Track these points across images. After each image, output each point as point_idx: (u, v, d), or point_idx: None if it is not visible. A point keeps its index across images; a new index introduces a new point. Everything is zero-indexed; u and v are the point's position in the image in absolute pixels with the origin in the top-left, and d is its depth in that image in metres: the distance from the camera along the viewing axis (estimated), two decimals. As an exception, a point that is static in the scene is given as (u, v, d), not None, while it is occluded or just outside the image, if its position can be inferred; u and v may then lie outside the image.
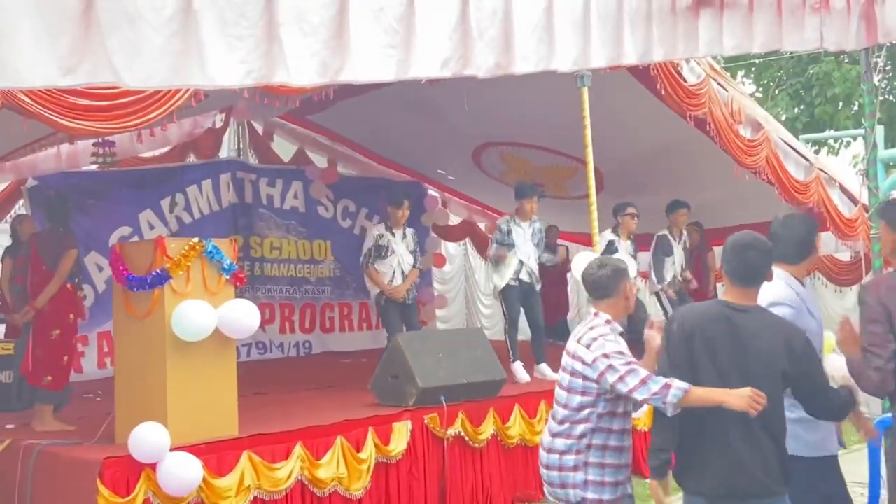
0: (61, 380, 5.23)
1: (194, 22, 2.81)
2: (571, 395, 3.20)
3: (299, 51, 3.05)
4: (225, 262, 4.69)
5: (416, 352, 5.49)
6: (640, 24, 4.15)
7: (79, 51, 2.61)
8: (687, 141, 7.33)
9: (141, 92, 3.95)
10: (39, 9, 2.55)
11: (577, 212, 9.14)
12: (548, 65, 3.86)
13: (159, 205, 8.27)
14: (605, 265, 3.30)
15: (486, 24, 3.60)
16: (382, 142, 9.63)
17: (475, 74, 3.61)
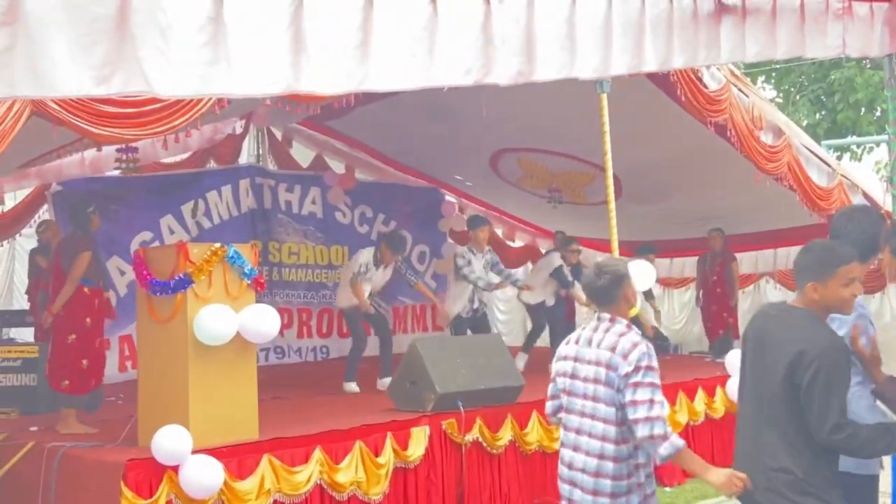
0: (80, 384, 5.25)
1: (224, 33, 2.88)
2: (617, 410, 3.03)
3: (325, 60, 3.11)
4: (246, 267, 4.76)
5: (434, 357, 5.52)
6: (661, 32, 4.17)
7: (112, 61, 2.68)
8: (707, 147, 7.33)
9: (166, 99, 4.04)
10: (73, 21, 2.63)
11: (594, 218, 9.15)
12: (569, 72, 3.89)
13: (180, 210, 8.37)
14: (603, 272, 3.20)
15: (509, 33, 3.64)
16: (400, 148, 9.70)
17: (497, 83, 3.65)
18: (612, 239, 5.94)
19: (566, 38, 3.83)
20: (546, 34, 3.76)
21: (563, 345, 3.27)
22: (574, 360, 3.16)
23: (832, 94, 15.36)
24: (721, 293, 8.88)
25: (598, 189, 8.11)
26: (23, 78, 2.56)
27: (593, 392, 3.07)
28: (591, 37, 3.90)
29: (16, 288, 8.89)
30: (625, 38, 4.02)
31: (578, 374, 3.13)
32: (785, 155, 7.40)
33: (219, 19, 2.88)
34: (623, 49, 4.02)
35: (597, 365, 3.07)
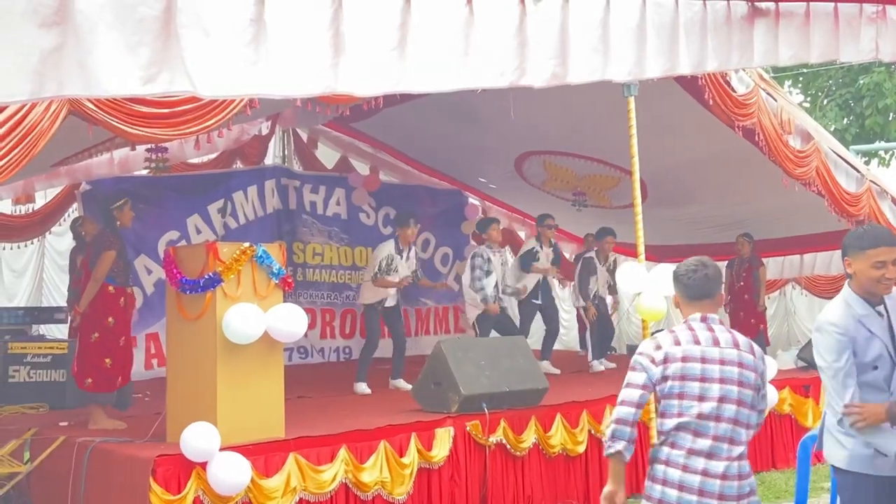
0: (103, 383, 5.29)
1: (266, 34, 2.93)
2: (755, 413, 2.87)
3: (363, 62, 3.15)
4: (274, 266, 4.79)
5: (458, 359, 5.54)
6: (695, 35, 4.17)
7: (158, 61, 2.73)
8: (735, 151, 7.29)
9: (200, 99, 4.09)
10: (121, 22, 2.68)
11: (619, 221, 9.13)
12: (603, 75, 3.90)
13: (206, 210, 8.46)
14: (707, 264, 2.97)
15: (543, 35, 3.65)
16: (424, 150, 9.73)
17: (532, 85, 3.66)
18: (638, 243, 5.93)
19: (600, 40, 3.84)
20: (580, 37, 3.77)
21: (672, 346, 2.87)
22: (701, 361, 2.83)
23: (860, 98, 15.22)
24: (748, 299, 8.83)
25: (624, 192, 8.11)
26: (71, 77, 2.61)
27: (738, 396, 2.81)
28: (625, 39, 3.91)
29: (45, 285, 9.02)
30: (659, 40, 4.02)
31: (710, 377, 2.82)
32: (813, 160, 7.35)
33: (260, 21, 2.92)
34: (657, 52, 4.02)
35: (739, 367, 2.82)
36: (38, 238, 8.69)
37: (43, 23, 2.56)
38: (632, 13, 3.93)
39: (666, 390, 2.86)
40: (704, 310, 2.93)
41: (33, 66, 2.56)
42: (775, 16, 4.42)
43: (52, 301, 8.80)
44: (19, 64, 2.54)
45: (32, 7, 2.55)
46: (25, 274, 8.91)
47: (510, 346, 6.11)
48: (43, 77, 2.58)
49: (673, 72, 4.21)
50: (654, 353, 2.88)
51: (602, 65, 3.85)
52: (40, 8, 2.57)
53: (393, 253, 6.96)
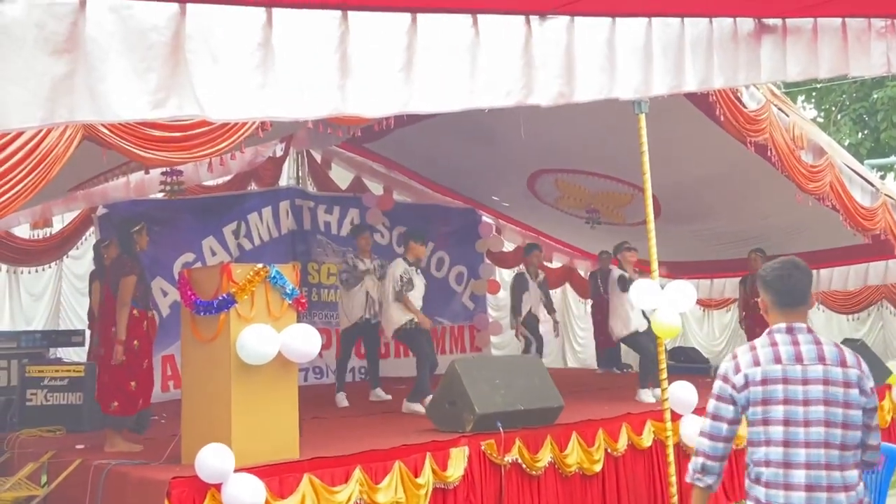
0: (129, 405, 5.33)
1: (272, 57, 2.97)
2: (854, 431, 2.57)
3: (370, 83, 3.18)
4: (288, 287, 4.82)
5: (473, 378, 5.53)
6: (701, 52, 4.17)
7: (167, 86, 2.78)
8: (747, 167, 7.28)
9: (212, 123, 4.15)
10: (131, 48, 2.73)
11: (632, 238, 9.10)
12: (609, 93, 3.91)
13: (221, 232, 8.52)
14: (800, 267, 2.70)
15: (549, 54, 3.68)
16: (437, 169, 9.78)
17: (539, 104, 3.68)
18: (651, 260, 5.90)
19: (606, 59, 3.86)
20: (586, 56, 3.79)
21: (751, 367, 2.64)
22: (783, 382, 2.59)
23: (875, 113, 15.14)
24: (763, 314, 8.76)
25: (637, 209, 8.10)
26: (82, 103, 2.66)
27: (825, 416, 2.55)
28: (631, 58, 3.92)
29: (63, 309, 9.10)
30: (665, 58, 4.03)
31: (793, 399, 2.57)
32: (827, 174, 7.31)
33: (268, 45, 2.97)
34: (663, 69, 4.03)
35: (824, 384, 2.56)
36: (55, 262, 8.78)
37: (54, 50, 2.62)
38: (637, 32, 3.95)
39: (750, 416, 2.64)
40: (793, 318, 2.66)
41: (45, 93, 2.61)
42: (782, 32, 4.42)
43: (70, 324, 8.86)
44: (32, 91, 2.59)
45: (44, 35, 2.61)
46: (43, 297, 9.00)
47: (524, 365, 6.09)
48: (54, 103, 2.63)
49: (679, 89, 4.21)
50: (734, 377, 2.65)
51: (608, 83, 3.87)
52: (51, 36, 2.62)
53: (407, 267, 6.96)
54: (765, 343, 2.68)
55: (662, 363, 5.35)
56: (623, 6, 3.83)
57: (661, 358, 5.38)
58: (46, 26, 2.61)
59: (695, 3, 4.08)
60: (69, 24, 2.65)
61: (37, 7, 2.60)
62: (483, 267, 10.53)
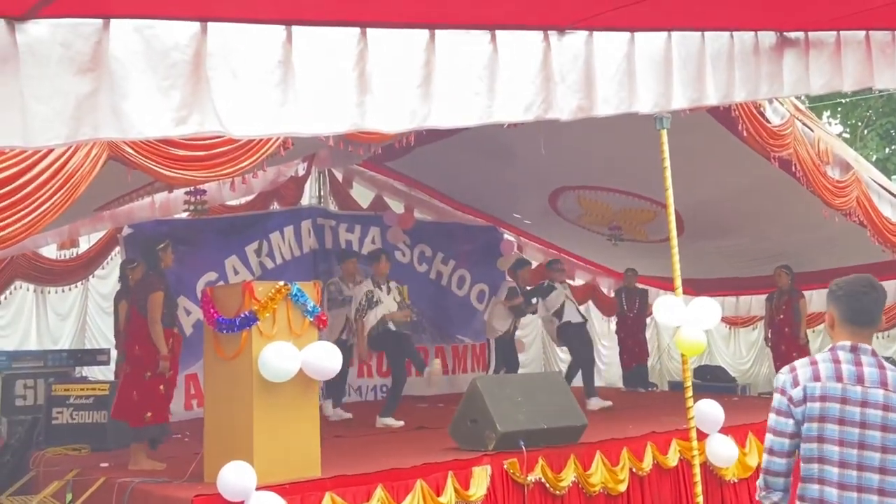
0: (160, 414, 5.38)
1: (293, 75, 3.01)
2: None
3: (389, 99, 3.21)
4: (309, 304, 4.84)
5: (495, 396, 5.50)
6: (721, 66, 4.16)
7: (188, 104, 2.83)
8: (772, 182, 7.22)
9: (235, 141, 4.21)
10: (153, 67, 2.79)
11: (656, 255, 9.05)
12: (629, 107, 3.91)
13: (244, 251, 8.58)
14: (876, 286, 2.64)
15: (568, 69, 3.69)
16: (458, 187, 9.80)
17: (558, 118, 3.68)
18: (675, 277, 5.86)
19: (625, 73, 3.86)
20: (605, 70, 3.80)
21: (811, 381, 2.58)
22: (841, 401, 2.53)
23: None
24: (789, 332, 8.66)
25: (660, 226, 8.05)
26: (106, 121, 2.71)
27: (881, 442, 2.50)
28: (650, 71, 3.92)
29: (88, 328, 9.20)
30: (685, 72, 4.02)
31: (850, 419, 2.52)
32: (854, 190, 7.23)
33: (287, 62, 3.01)
34: (683, 83, 4.02)
35: (884, 410, 2.51)
36: (81, 282, 8.89)
37: (79, 69, 2.68)
38: (657, 46, 3.95)
39: (804, 432, 2.58)
40: (859, 338, 2.59)
41: (69, 111, 2.66)
42: (805, 45, 4.39)
43: (95, 343, 8.96)
44: (56, 109, 2.64)
45: (69, 55, 2.67)
46: (69, 317, 9.11)
47: (547, 383, 6.05)
48: (79, 121, 2.68)
49: (700, 103, 4.20)
50: (792, 391, 2.60)
51: (628, 97, 3.86)
52: (76, 56, 2.68)
53: (371, 287, 7.10)
54: (827, 359, 2.62)
55: (688, 381, 5.30)
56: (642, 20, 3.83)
57: (686, 376, 5.32)
58: (72, 46, 2.67)
59: (715, 16, 4.07)
60: (94, 44, 2.70)
61: (62, 27, 2.66)
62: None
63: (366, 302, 7.03)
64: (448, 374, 9.72)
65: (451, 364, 9.85)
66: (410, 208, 10.10)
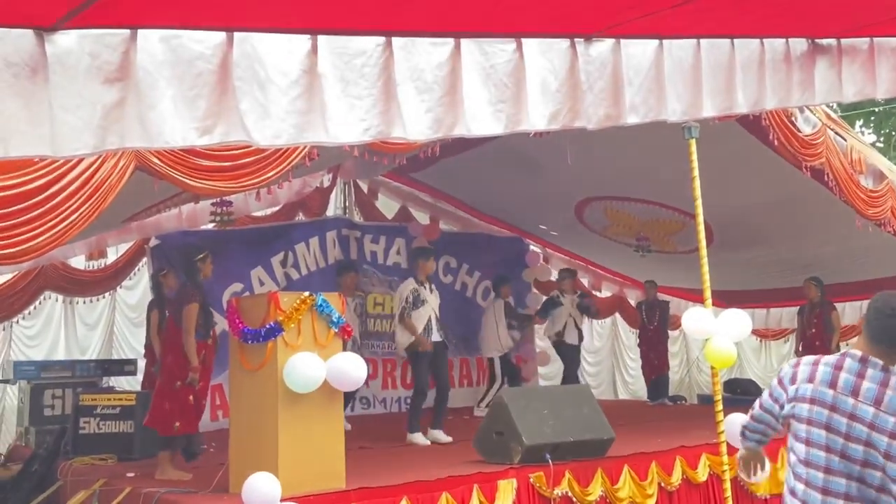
0: (190, 423, 5.39)
1: (318, 84, 3.02)
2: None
3: (415, 108, 3.21)
4: (334, 315, 4.84)
5: (520, 408, 5.46)
6: (752, 73, 4.11)
7: (214, 113, 2.85)
8: (803, 192, 7.12)
9: (261, 152, 4.23)
10: (179, 76, 2.81)
11: (684, 267, 8.95)
12: (657, 115, 3.87)
13: (269, 262, 8.62)
14: None
15: (596, 77, 3.66)
16: (484, 198, 9.78)
17: (585, 126, 3.66)
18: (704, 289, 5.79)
19: (654, 81, 3.82)
20: (633, 78, 3.77)
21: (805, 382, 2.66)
22: (830, 408, 2.59)
23: (937, 136, 14.73)
24: (820, 345, 8.51)
25: (688, 237, 7.96)
26: (132, 130, 2.74)
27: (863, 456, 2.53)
28: (679, 79, 3.88)
29: (115, 339, 9.29)
30: (714, 80, 3.98)
31: (836, 429, 2.57)
32: (888, 199, 7.11)
33: (313, 72, 3.02)
34: (713, 91, 3.98)
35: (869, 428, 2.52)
36: (109, 292, 8.99)
37: (106, 79, 2.70)
38: (686, 53, 3.91)
39: (793, 429, 2.69)
40: (878, 354, 2.59)
41: (97, 121, 2.69)
42: (837, 52, 4.33)
43: (122, 353, 9.05)
44: (84, 119, 2.67)
45: (97, 65, 2.70)
46: (97, 327, 9.21)
47: (573, 395, 5.99)
48: (105, 131, 2.70)
49: (730, 111, 4.15)
50: (789, 386, 2.74)
51: (657, 105, 3.83)
52: (104, 66, 2.71)
53: (416, 286, 6.96)
54: (830, 363, 2.66)
55: (718, 394, 5.21)
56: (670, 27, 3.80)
57: (716, 389, 5.24)
58: (99, 56, 2.70)
59: (745, 23, 4.02)
60: (121, 54, 2.73)
61: (89, 37, 2.69)
62: (530, 296, 10.43)
63: (412, 300, 6.87)
64: (473, 385, 9.68)
65: (474, 377, 9.80)
66: (435, 219, 10.09)
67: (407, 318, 6.85)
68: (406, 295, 6.90)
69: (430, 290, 7.02)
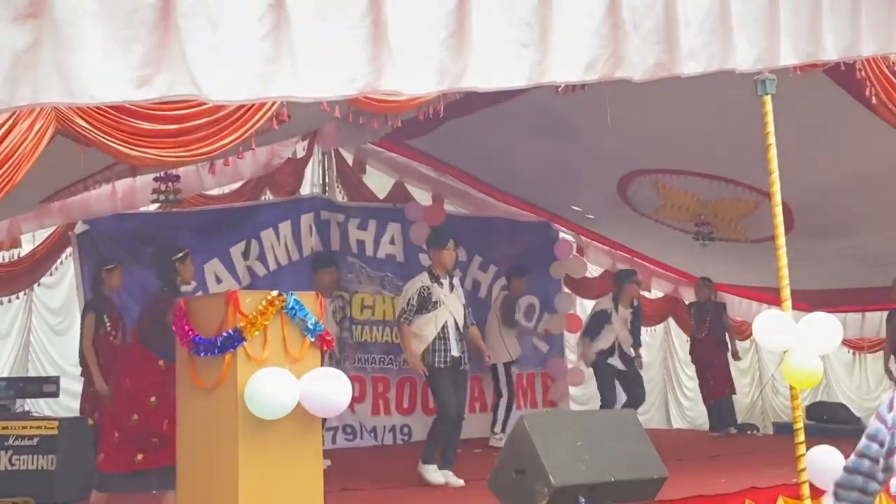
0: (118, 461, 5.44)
1: (287, 22, 3.01)
2: None
3: (412, 52, 3.20)
4: (309, 321, 4.85)
5: (547, 439, 5.45)
6: (843, 11, 4.11)
7: (154, 60, 2.84)
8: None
9: (214, 112, 4.21)
10: (110, 13, 2.80)
11: (757, 259, 8.95)
12: (723, 63, 3.87)
13: (228, 253, 8.66)
14: None
15: (643, 14, 3.66)
16: (501, 171, 9.79)
17: (630, 77, 3.66)
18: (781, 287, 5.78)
19: (718, 19, 3.81)
20: (692, 14, 3.76)
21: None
22: None
23: None
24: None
25: (763, 221, 7.96)
26: (49, 81, 2.72)
27: None
28: (750, 17, 3.88)
29: (32, 350, 9.31)
30: (796, 18, 3.97)
31: None
32: None
33: (281, 6, 3.00)
34: (794, 33, 3.97)
35: None
36: (24, 291, 9.00)
37: (16, 17, 2.69)
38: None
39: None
40: None
41: (4, 70, 2.68)
42: (954, -18, 4.33)
43: (41, 369, 9.06)
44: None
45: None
46: (9, 336, 9.21)
47: (616, 423, 6.00)
48: (16, 83, 2.69)
49: (815, 58, 4.15)
50: (888, 414, 2.81)
51: (721, 50, 3.82)
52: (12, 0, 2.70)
53: (428, 283, 6.73)
54: None
55: (799, 422, 5.22)
56: (740, -50, 3.80)
57: (796, 415, 5.25)
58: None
59: (835, -55, 4.03)
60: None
61: (-5, -37, 2.69)
62: (560, 297, 10.45)
63: (416, 302, 6.64)
64: (488, 411, 9.70)
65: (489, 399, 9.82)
66: (439, 199, 10.10)
67: (403, 323, 6.75)
68: (410, 294, 6.72)
69: (451, 288, 6.78)
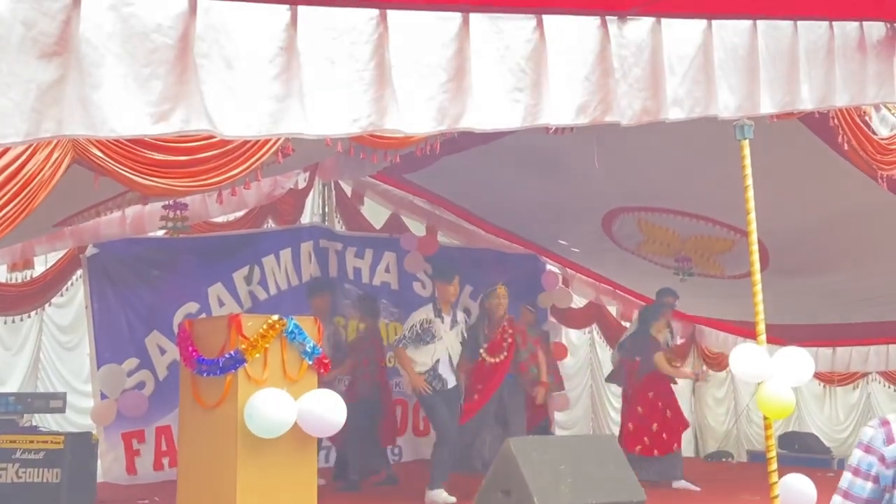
0: None
1: (297, 64, 3.03)
2: None
3: (414, 95, 3.22)
4: (308, 344, 4.86)
5: (532, 462, 5.44)
6: (819, 63, 4.14)
7: (172, 97, 2.85)
8: (879, 208, 7.15)
9: (224, 145, 4.24)
10: (131, 51, 2.82)
11: (734, 294, 8.97)
12: (705, 110, 3.89)
13: (231, 278, 8.64)
14: None
15: (631, 63, 3.69)
16: (492, 206, 9.79)
17: (618, 122, 3.68)
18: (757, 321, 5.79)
19: (701, 70, 3.84)
20: (677, 63, 3.79)
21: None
22: None
23: None
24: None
25: (739, 258, 7.98)
26: (72, 115, 2.74)
27: None
28: (731, 68, 3.90)
29: (42, 367, 9.25)
30: (774, 69, 4.01)
31: None
32: None
33: (291, 49, 3.03)
34: (772, 83, 4.00)
35: None
36: (36, 311, 8.96)
37: (43, 53, 2.71)
38: (740, 38, 3.93)
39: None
40: None
41: (30, 103, 2.69)
42: (923, 38, 4.38)
43: (50, 385, 9.00)
44: (15, 100, 2.67)
45: (31, 36, 2.70)
46: (21, 353, 9.15)
47: (597, 448, 5.98)
48: (41, 115, 2.70)
49: (792, 107, 4.17)
50: (884, 448, 2.52)
51: (704, 99, 3.85)
52: (40, 37, 2.71)
53: (431, 317, 6.88)
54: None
55: (772, 451, 5.21)
56: (721, 5, 3.83)
57: (769, 444, 5.24)
58: (35, 25, 2.71)
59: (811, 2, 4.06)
60: (61, 23, 2.74)
61: (24, 3, 2.70)
62: (547, 326, 10.44)
63: (416, 334, 6.78)
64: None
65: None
66: (433, 230, 10.10)
67: (400, 347, 6.82)
68: (413, 323, 6.85)
69: (451, 325, 6.96)
